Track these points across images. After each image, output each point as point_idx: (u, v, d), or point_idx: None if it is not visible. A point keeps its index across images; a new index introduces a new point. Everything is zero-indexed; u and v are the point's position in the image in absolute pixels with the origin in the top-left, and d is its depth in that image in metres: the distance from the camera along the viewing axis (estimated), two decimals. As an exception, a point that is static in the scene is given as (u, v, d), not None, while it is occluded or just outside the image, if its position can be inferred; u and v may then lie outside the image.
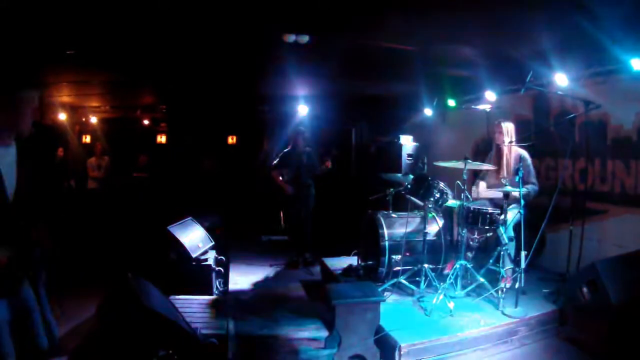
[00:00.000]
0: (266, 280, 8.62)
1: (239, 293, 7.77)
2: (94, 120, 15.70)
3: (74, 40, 7.37)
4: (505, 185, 6.62)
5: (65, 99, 13.17)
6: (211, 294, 7.48)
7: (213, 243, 8.36)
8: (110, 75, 10.42)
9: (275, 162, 9.68)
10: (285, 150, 9.67)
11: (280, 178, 9.62)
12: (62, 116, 14.00)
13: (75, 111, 15.06)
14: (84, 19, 6.38)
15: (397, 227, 7.18)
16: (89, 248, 8.98)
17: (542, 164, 8.41)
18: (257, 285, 8.28)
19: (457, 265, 6.56)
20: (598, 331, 5.37)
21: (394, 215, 7.48)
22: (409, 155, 9.75)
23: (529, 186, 6.99)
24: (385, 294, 6.53)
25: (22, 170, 3.66)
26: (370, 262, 7.41)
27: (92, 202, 13.12)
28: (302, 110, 12.51)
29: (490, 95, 8.89)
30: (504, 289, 6.23)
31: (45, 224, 3.90)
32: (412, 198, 7.14)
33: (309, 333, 6.12)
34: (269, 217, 12.11)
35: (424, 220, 6.86)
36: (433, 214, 7.20)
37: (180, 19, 6.47)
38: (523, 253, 6.19)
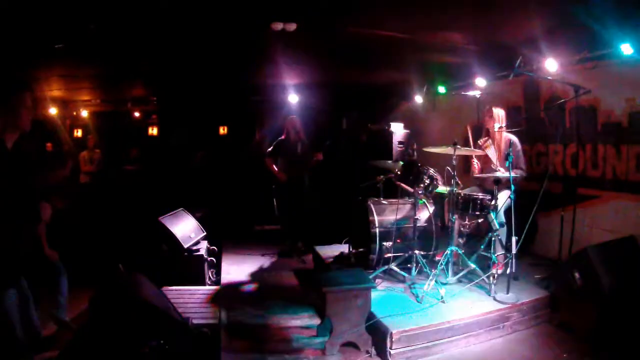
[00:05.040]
0: (259, 269, 8.59)
1: (231, 283, 7.74)
2: (84, 114, 15.62)
3: (63, 33, 7.32)
4: (496, 171, 6.63)
5: (56, 93, 13.08)
6: (203, 284, 7.50)
7: (205, 233, 8.36)
8: (100, 68, 10.36)
9: (269, 149, 9.66)
10: (279, 139, 9.66)
11: (274, 166, 9.61)
12: (53, 110, 13.92)
13: (66, 105, 14.97)
14: (71, 11, 6.33)
15: (387, 214, 7.18)
16: (81, 241, 8.95)
17: (532, 150, 8.41)
18: (249, 274, 8.25)
19: (448, 252, 6.57)
20: (590, 316, 5.39)
21: (384, 202, 7.47)
22: (400, 143, 9.74)
23: (517, 171, 7.00)
24: (377, 281, 6.54)
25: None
26: (362, 250, 7.41)
27: (85, 196, 13.06)
28: (293, 99, 12.49)
29: (481, 82, 8.88)
30: (496, 275, 6.25)
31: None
32: (402, 184, 7.13)
33: (301, 321, 6.11)
34: (261, 206, 12.09)
35: (415, 207, 6.85)
36: (423, 200, 7.19)
37: (169, 10, 6.43)
38: (514, 239, 6.20)
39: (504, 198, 6.71)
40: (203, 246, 7.97)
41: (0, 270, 3.65)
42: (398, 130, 9.83)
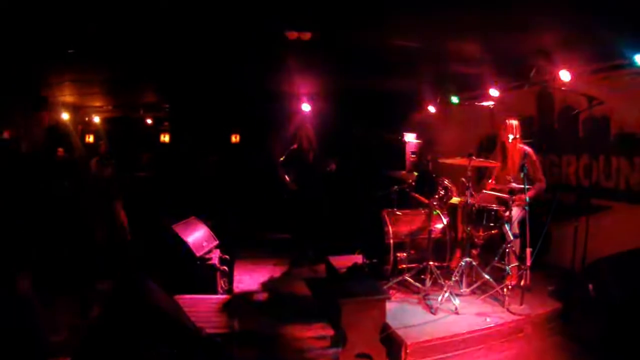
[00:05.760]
0: (271, 278, 8.56)
1: (243, 292, 7.74)
2: (96, 119, 15.68)
3: (75, 38, 7.36)
4: (511, 182, 6.61)
5: (68, 98, 13.15)
6: (216, 293, 7.49)
7: (217, 242, 8.35)
8: (112, 73, 10.40)
9: (282, 159, 9.65)
10: (292, 148, 9.65)
11: (286, 176, 9.60)
12: (65, 116, 13.97)
13: (78, 111, 15.03)
14: (84, 17, 6.37)
15: (401, 225, 7.17)
16: (92, 247, 8.96)
17: (546, 160, 8.37)
18: (261, 284, 8.23)
19: (463, 263, 6.55)
20: (602, 328, 5.36)
21: (398, 212, 7.46)
22: (413, 153, 9.76)
23: (537, 183, 6.97)
24: (391, 291, 6.53)
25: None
26: (375, 260, 7.40)
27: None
28: (306, 107, 12.49)
29: (494, 92, 8.87)
30: (510, 287, 6.23)
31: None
32: (417, 195, 7.13)
33: (314, 332, 6.07)
34: (272, 215, 12.07)
35: (429, 218, 6.84)
36: (438, 211, 7.18)
37: (182, 17, 6.46)
38: (528, 250, 6.17)
39: (518, 209, 6.68)
40: (215, 255, 7.96)
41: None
42: (411, 140, 9.85)
